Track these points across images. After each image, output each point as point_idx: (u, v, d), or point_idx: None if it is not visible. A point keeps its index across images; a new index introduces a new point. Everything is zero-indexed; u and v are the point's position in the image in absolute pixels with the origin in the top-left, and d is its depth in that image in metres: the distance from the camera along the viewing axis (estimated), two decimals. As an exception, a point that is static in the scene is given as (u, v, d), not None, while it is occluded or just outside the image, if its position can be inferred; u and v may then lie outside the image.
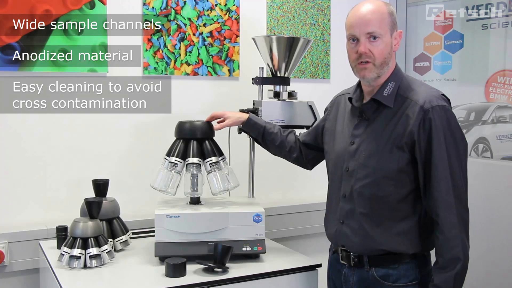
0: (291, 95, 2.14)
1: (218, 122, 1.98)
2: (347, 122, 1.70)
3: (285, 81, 2.13)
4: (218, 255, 1.74)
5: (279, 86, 2.12)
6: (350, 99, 1.70)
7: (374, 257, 1.59)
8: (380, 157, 1.56)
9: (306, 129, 2.09)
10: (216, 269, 1.74)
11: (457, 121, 1.56)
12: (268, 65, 2.15)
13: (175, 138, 2.00)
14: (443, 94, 1.58)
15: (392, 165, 1.55)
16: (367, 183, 1.59)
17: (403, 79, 1.62)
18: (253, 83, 2.18)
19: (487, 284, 2.45)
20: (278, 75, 2.14)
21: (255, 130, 1.97)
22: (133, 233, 2.11)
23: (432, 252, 1.63)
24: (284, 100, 2.11)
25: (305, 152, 1.95)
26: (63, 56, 2.12)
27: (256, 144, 2.18)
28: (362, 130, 1.63)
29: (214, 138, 2.03)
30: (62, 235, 1.95)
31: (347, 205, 1.64)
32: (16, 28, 2.02)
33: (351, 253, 1.63)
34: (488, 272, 2.45)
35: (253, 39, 2.17)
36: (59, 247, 1.91)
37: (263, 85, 2.17)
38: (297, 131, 2.05)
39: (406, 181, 1.56)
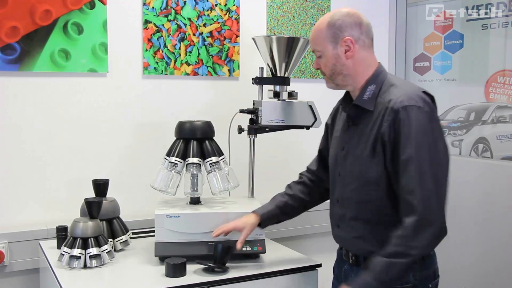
0: (291, 95, 2.14)
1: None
2: (341, 127, 1.71)
3: (285, 81, 2.13)
4: (218, 255, 1.74)
5: (279, 86, 2.13)
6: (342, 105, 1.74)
7: (369, 258, 1.59)
8: (362, 162, 1.57)
9: (306, 128, 2.09)
10: (216, 269, 1.74)
11: (432, 120, 1.50)
12: (268, 65, 2.15)
13: (175, 138, 2.01)
14: (425, 92, 1.54)
15: (372, 169, 1.54)
16: (353, 188, 1.61)
17: (385, 81, 1.60)
18: (253, 83, 2.18)
19: (487, 284, 2.46)
20: (278, 75, 2.14)
21: (274, 220, 1.85)
22: (133, 233, 2.11)
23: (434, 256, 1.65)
24: (284, 100, 2.11)
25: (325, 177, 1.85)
26: (63, 56, 2.12)
27: (256, 144, 2.18)
28: (350, 135, 1.64)
29: (214, 138, 2.03)
30: (62, 235, 1.95)
31: (340, 210, 1.67)
32: (16, 28, 2.02)
33: (350, 252, 1.67)
34: (488, 272, 2.45)
35: (253, 39, 2.17)
36: (59, 247, 1.92)
37: (263, 85, 2.17)
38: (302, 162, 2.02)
39: (387, 185, 1.54)
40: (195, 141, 1.97)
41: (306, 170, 1.92)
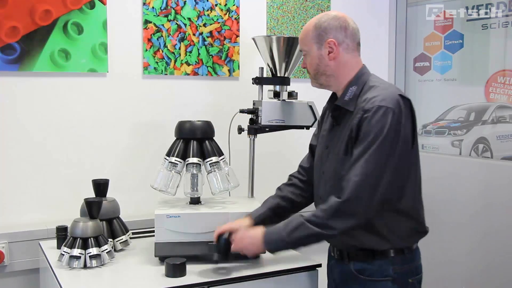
0: (291, 95, 2.14)
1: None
2: (328, 127, 1.76)
3: (285, 81, 2.13)
4: (221, 247, 1.73)
5: (279, 86, 2.13)
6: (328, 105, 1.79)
7: (352, 252, 1.66)
8: (338, 160, 1.63)
9: (306, 129, 2.10)
10: (218, 261, 1.74)
11: (397, 123, 1.51)
12: (268, 65, 2.15)
13: (175, 138, 2.00)
14: (401, 96, 1.56)
15: (345, 167, 1.58)
16: (331, 185, 1.65)
17: (367, 82, 1.64)
18: (253, 83, 2.18)
19: (487, 284, 2.45)
20: (278, 75, 2.14)
21: (267, 222, 1.81)
22: (133, 233, 2.11)
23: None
24: (284, 100, 2.11)
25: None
26: (63, 56, 2.12)
27: (256, 144, 2.18)
28: (333, 134, 1.70)
29: (214, 138, 2.03)
30: (62, 235, 1.95)
31: None
32: (16, 28, 2.02)
33: (335, 248, 1.74)
34: (488, 272, 2.45)
35: (253, 39, 2.17)
36: (59, 247, 1.91)
37: (263, 85, 2.17)
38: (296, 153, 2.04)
39: None
40: (195, 141, 1.97)
41: (298, 170, 1.94)
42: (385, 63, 2.96)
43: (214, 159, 1.96)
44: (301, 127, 2.10)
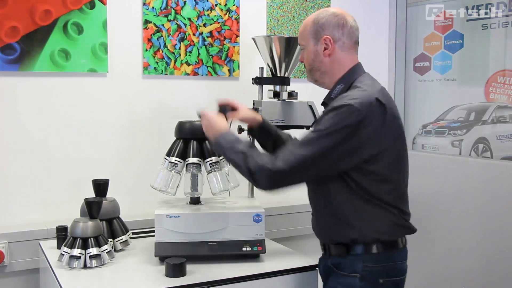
0: (291, 95, 2.14)
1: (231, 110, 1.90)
2: None
3: (285, 81, 2.13)
4: (219, 110, 1.84)
5: (279, 86, 2.13)
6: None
7: (331, 246, 1.68)
8: None
9: (306, 129, 2.09)
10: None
11: (356, 123, 1.51)
12: (268, 65, 2.15)
13: (175, 138, 2.00)
14: (378, 100, 1.54)
15: None
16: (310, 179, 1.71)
17: (355, 82, 1.64)
18: (253, 83, 2.18)
19: (487, 283, 2.46)
20: (278, 75, 2.14)
21: (268, 135, 1.92)
22: (133, 233, 2.11)
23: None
24: (284, 100, 2.11)
25: None
26: (63, 56, 2.12)
27: (256, 144, 2.18)
28: None
29: (214, 138, 2.02)
30: (62, 235, 1.95)
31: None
32: (16, 28, 2.02)
33: (320, 242, 1.76)
34: (488, 271, 2.45)
35: (253, 39, 2.17)
36: (59, 247, 1.91)
37: (263, 85, 2.17)
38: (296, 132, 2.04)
39: (329, 177, 1.64)
40: (195, 141, 1.97)
41: None
42: (385, 63, 2.96)
43: (214, 159, 1.96)
44: (301, 127, 2.09)
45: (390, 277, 1.62)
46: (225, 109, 1.88)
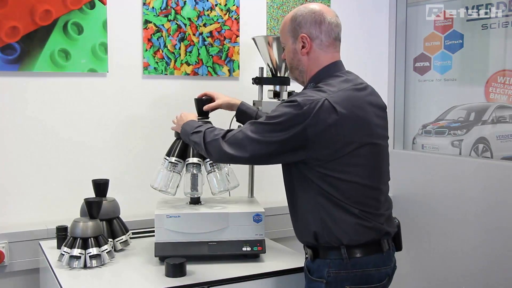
0: (291, 95, 2.14)
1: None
2: None
3: (285, 81, 2.13)
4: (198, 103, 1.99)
5: (279, 86, 2.12)
6: None
7: (305, 247, 1.67)
8: None
9: None
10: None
11: (296, 117, 1.49)
12: (268, 65, 2.15)
13: (175, 138, 2.00)
14: (328, 101, 1.49)
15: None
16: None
17: (322, 82, 1.60)
18: (253, 83, 2.18)
19: (487, 283, 2.45)
20: (278, 75, 2.14)
21: (249, 117, 1.97)
22: (133, 233, 2.11)
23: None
24: (284, 100, 2.11)
25: None
26: (63, 56, 2.12)
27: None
28: None
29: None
30: (62, 235, 1.95)
31: None
32: (16, 28, 2.02)
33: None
34: (488, 271, 2.45)
35: (253, 39, 2.17)
36: (59, 247, 1.92)
37: (263, 85, 2.17)
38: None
39: (288, 175, 1.67)
40: (195, 141, 1.96)
41: None
42: (385, 63, 2.96)
43: (214, 159, 1.96)
44: None
45: (359, 284, 1.55)
46: (202, 102, 2.01)
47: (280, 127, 1.51)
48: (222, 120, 2.15)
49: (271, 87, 2.15)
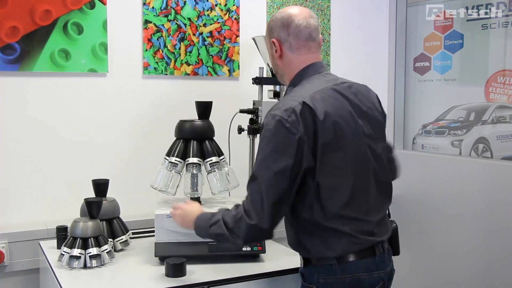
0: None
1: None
2: None
3: None
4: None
5: (279, 86, 2.12)
6: None
7: (300, 255, 1.62)
8: None
9: None
10: None
11: (275, 129, 1.44)
12: (268, 65, 2.15)
13: (175, 138, 2.00)
14: (304, 102, 1.45)
15: None
16: None
17: (299, 84, 1.57)
18: (253, 83, 2.18)
19: (487, 283, 2.45)
20: None
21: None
22: (133, 233, 2.11)
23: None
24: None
25: None
26: (63, 56, 2.12)
27: (256, 144, 2.18)
28: None
29: (214, 138, 2.03)
30: (62, 235, 1.95)
31: None
32: (16, 28, 2.02)
33: None
34: (488, 272, 2.45)
35: (253, 39, 2.17)
36: (59, 247, 1.92)
37: (263, 85, 2.17)
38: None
39: None
40: (195, 141, 1.97)
41: None
42: (385, 63, 2.96)
43: (214, 159, 1.96)
44: None
45: None
46: (202, 104, 1.99)
47: (270, 149, 1.45)
48: (222, 120, 2.16)
49: (271, 87, 2.15)
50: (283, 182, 1.44)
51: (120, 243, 1.97)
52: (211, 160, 1.96)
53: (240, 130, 2.14)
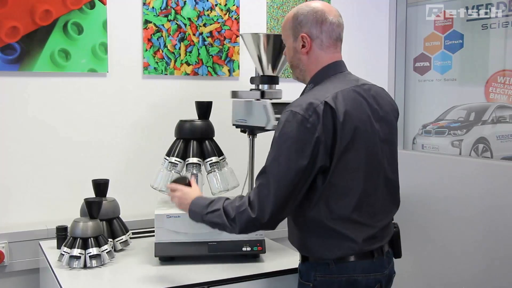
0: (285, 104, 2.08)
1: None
2: None
3: (274, 80, 2.08)
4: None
5: (267, 85, 2.06)
6: None
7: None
8: None
9: (260, 130, 2.03)
10: None
11: (298, 130, 1.43)
12: (261, 61, 2.10)
13: (175, 138, 2.00)
14: (326, 102, 1.44)
15: None
16: None
17: (322, 82, 1.56)
18: (251, 83, 2.17)
19: (487, 283, 2.45)
20: (266, 74, 2.08)
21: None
22: (133, 233, 2.11)
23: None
24: (247, 100, 2.05)
25: None
26: (63, 56, 2.12)
27: (255, 144, 2.18)
28: None
29: (214, 138, 2.03)
30: (62, 235, 1.95)
31: None
32: (16, 28, 2.02)
33: None
34: (488, 272, 2.45)
35: (241, 35, 2.13)
36: (59, 247, 1.92)
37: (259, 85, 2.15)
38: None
39: None
40: (195, 141, 1.97)
41: None
42: (385, 63, 2.96)
43: (214, 159, 1.96)
44: (258, 128, 2.04)
45: (342, 287, 1.52)
46: (203, 104, 1.99)
47: (291, 142, 1.43)
48: (222, 120, 2.16)
49: (253, 85, 2.09)
50: (294, 181, 1.43)
51: (120, 243, 1.98)
52: (211, 160, 1.96)
53: (243, 132, 2.13)
